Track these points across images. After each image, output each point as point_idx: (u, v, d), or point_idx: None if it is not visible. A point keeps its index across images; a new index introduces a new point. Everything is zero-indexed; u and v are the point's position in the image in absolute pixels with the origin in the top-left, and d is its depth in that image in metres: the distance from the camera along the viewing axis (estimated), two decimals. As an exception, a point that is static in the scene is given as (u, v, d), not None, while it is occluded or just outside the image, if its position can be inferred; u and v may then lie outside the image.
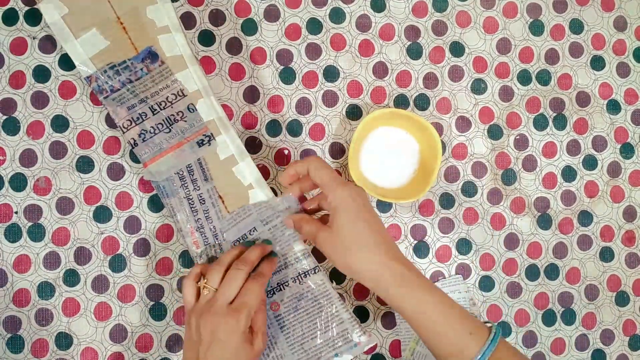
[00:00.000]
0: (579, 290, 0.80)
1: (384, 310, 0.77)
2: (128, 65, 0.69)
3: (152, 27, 0.69)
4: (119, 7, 0.68)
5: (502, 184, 0.80)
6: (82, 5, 0.68)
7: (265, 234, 0.69)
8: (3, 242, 0.72)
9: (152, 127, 0.69)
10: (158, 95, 0.69)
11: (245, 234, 0.69)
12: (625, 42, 0.82)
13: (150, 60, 0.69)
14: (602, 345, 0.80)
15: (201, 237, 0.69)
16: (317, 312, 0.68)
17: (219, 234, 0.69)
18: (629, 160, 0.82)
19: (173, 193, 0.69)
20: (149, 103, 0.69)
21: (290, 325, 0.68)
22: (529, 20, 0.81)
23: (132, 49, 0.69)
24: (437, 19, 0.80)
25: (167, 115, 0.69)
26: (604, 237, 0.81)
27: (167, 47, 0.69)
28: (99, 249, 0.73)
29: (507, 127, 0.80)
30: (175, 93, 0.69)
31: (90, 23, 0.68)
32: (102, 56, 0.68)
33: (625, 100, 0.82)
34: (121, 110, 0.69)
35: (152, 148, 0.69)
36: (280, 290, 0.69)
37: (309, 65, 0.78)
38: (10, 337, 0.72)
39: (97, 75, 0.68)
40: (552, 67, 0.81)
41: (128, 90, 0.69)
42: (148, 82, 0.69)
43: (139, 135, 0.69)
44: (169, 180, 0.69)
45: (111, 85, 0.69)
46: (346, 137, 0.78)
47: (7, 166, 0.72)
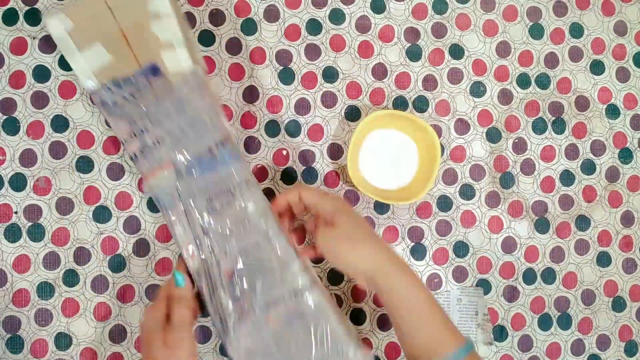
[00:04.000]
0: (576, 295, 0.80)
1: (380, 313, 0.77)
2: (131, 80, 0.69)
3: (155, 42, 0.69)
4: (123, 21, 0.68)
5: (500, 187, 0.80)
6: (86, 20, 0.68)
7: (267, 251, 0.69)
8: (3, 242, 0.72)
9: (152, 141, 0.69)
10: (159, 110, 0.69)
11: (247, 248, 0.69)
12: (625, 47, 0.82)
13: (153, 75, 0.69)
14: (598, 350, 0.80)
15: (198, 251, 0.69)
16: (313, 328, 0.67)
17: (218, 248, 0.69)
18: (627, 165, 0.82)
19: (172, 206, 0.69)
20: (150, 117, 0.69)
21: (285, 341, 0.67)
22: (528, 24, 0.81)
23: (135, 63, 0.69)
24: (436, 21, 0.80)
25: (167, 130, 0.69)
26: (601, 242, 0.81)
27: (170, 62, 0.69)
28: (98, 249, 0.74)
29: (505, 130, 0.80)
30: (176, 108, 0.69)
31: (94, 37, 0.68)
32: (105, 71, 0.68)
33: (625, 105, 0.82)
34: (123, 124, 0.69)
35: (152, 162, 0.69)
36: (275, 306, 0.68)
37: (308, 66, 0.78)
38: (10, 337, 0.72)
39: (100, 89, 0.69)
40: (551, 70, 0.81)
41: (130, 104, 0.69)
42: (150, 97, 0.69)
43: (140, 150, 0.69)
44: (168, 194, 0.69)
45: (114, 100, 0.69)
46: (345, 138, 0.78)
47: (7, 166, 0.73)
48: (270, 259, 0.69)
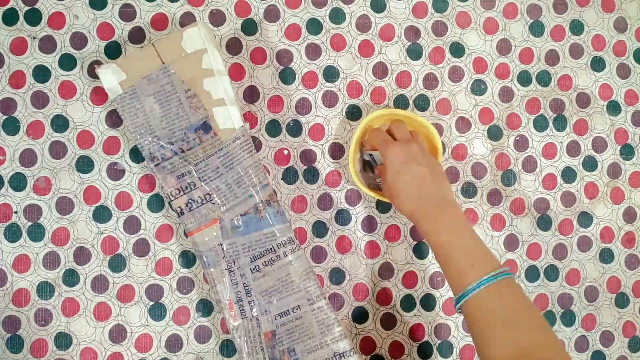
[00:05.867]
0: (579, 291, 0.80)
1: (383, 311, 0.77)
2: (181, 135, 0.70)
3: (207, 99, 0.70)
4: (178, 76, 0.69)
5: (502, 184, 0.79)
6: (139, 73, 0.69)
7: (308, 314, 0.70)
8: (3, 242, 0.72)
9: (199, 197, 0.70)
10: (208, 167, 0.70)
11: (288, 310, 0.70)
12: (626, 43, 0.82)
13: (203, 131, 0.70)
14: (602, 346, 0.80)
15: (239, 310, 0.70)
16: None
17: (258, 308, 0.70)
18: (629, 161, 0.82)
19: (215, 264, 0.70)
20: (199, 173, 0.69)
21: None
22: (529, 21, 0.81)
23: (186, 121, 0.70)
24: (437, 19, 0.80)
25: (215, 186, 0.70)
26: (603, 239, 0.81)
27: (221, 119, 0.70)
28: (98, 249, 0.73)
29: (507, 128, 0.80)
30: (225, 165, 0.70)
31: (150, 92, 0.70)
32: (157, 123, 0.70)
33: (626, 102, 0.82)
34: (171, 179, 0.70)
35: (198, 218, 0.70)
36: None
37: (308, 66, 0.78)
38: (10, 337, 0.72)
39: (150, 143, 0.70)
40: (552, 68, 0.81)
41: (180, 159, 0.69)
42: (199, 153, 0.70)
43: (186, 205, 0.70)
44: (212, 250, 0.70)
45: (163, 154, 0.69)
46: (346, 138, 0.78)
47: (7, 166, 0.72)
48: (311, 322, 0.70)
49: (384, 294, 0.77)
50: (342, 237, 0.77)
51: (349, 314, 0.77)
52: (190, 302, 0.74)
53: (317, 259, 0.76)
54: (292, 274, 0.70)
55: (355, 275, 0.77)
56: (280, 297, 0.70)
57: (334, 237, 0.77)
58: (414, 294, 0.78)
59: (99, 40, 0.74)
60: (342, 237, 0.77)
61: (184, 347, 0.74)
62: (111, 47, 0.75)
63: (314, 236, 0.76)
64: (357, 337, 0.77)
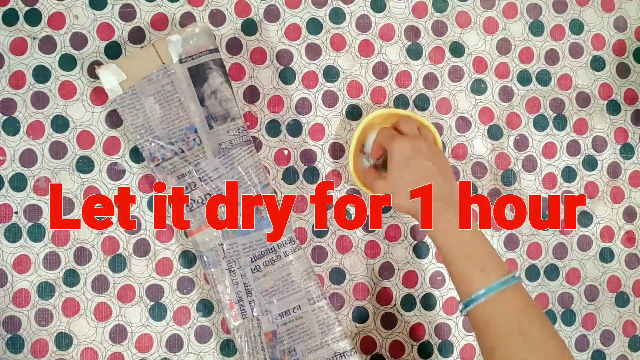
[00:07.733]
0: (579, 291, 0.80)
1: (384, 311, 0.77)
2: (181, 135, 0.70)
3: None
4: (177, 78, 0.70)
5: (501, 184, 0.80)
6: (139, 73, 0.69)
7: (309, 314, 0.70)
8: (3, 242, 0.72)
9: (199, 197, 0.70)
10: (208, 167, 0.70)
11: (289, 310, 0.70)
12: (625, 43, 0.82)
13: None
14: (602, 346, 0.80)
15: (240, 310, 0.70)
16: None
17: (259, 308, 0.70)
18: (629, 160, 0.82)
19: (215, 264, 0.70)
20: (199, 173, 0.70)
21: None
22: (529, 21, 0.81)
23: (186, 121, 0.70)
24: (437, 19, 0.80)
25: (215, 186, 0.70)
26: (604, 238, 0.81)
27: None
28: (98, 249, 0.73)
29: (507, 127, 0.80)
30: (225, 165, 0.70)
31: (150, 92, 0.70)
32: (157, 124, 0.70)
33: (625, 101, 0.82)
34: (171, 179, 0.70)
35: (199, 218, 0.70)
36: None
37: (308, 66, 0.78)
38: (10, 337, 0.72)
39: (150, 143, 0.70)
40: (552, 67, 0.81)
41: (180, 159, 0.69)
42: (199, 153, 0.70)
43: (187, 205, 0.70)
44: (212, 250, 0.70)
45: (163, 154, 0.69)
46: (346, 137, 0.78)
47: (7, 166, 0.72)
48: (312, 322, 0.70)
49: (385, 293, 0.77)
50: (343, 237, 0.77)
51: (349, 313, 0.77)
52: (191, 302, 0.74)
53: (317, 259, 0.76)
54: (292, 274, 0.70)
55: (355, 275, 0.77)
56: (280, 297, 0.70)
57: (334, 237, 0.77)
58: (414, 293, 0.78)
59: (99, 41, 0.74)
60: (342, 237, 0.77)
61: (184, 347, 0.74)
62: (111, 47, 0.75)
63: (314, 236, 0.76)
64: (358, 336, 0.77)
